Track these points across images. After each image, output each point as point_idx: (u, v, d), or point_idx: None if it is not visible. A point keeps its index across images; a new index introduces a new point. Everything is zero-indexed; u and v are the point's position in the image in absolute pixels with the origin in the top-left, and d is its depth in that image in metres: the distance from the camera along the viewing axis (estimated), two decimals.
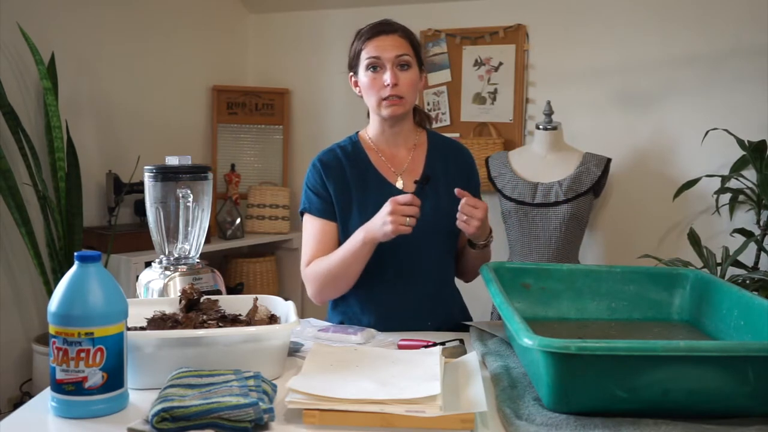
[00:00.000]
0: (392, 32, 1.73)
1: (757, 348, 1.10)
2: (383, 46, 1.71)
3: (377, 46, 1.72)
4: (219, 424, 1.06)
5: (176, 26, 3.68)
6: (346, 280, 1.71)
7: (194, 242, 1.74)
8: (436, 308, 1.79)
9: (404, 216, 1.57)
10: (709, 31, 2.96)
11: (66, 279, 1.14)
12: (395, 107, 1.73)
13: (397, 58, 1.71)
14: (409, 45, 1.74)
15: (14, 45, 2.96)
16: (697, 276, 1.60)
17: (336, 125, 3.77)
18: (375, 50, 1.71)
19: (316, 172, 1.79)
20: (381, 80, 1.71)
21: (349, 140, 1.85)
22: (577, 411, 1.14)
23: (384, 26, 1.75)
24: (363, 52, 1.74)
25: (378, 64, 1.72)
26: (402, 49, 1.72)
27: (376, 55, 1.71)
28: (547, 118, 2.97)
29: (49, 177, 3.00)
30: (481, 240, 1.74)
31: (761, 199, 2.71)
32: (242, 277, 3.73)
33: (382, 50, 1.71)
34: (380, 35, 1.73)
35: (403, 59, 1.72)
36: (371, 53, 1.72)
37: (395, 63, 1.71)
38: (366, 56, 1.73)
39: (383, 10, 3.06)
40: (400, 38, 1.74)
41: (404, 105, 1.74)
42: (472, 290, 1.97)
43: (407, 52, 1.73)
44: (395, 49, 1.71)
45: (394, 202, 1.58)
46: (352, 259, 1.67)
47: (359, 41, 1.76)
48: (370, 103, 1.76)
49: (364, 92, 1.76)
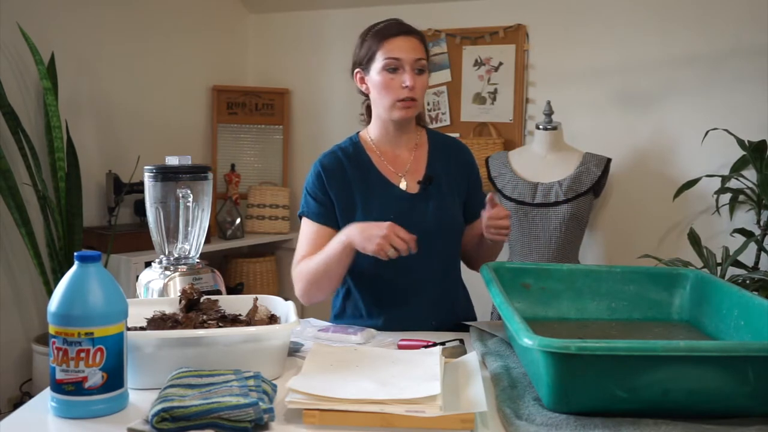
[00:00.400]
0: (412, 35, 1.73)
1: (757, 348, 1.10)
2: (404, 47, 1.70)
3: (398, 47, 1.70)
4: (219, 424, 1.06)
5: (176, 26, 3.67)
6: (328, 281, 1.70)
7: (194, 242, 1.74)
8: (440, 307, 1.79)
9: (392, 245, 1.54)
10: (709, 31, 2.96)
11: (66, 279, 1.14)
12: (409, 110, 1.73)
13: (416, 61, 1.71)
14: (424, 50, 1.75)
15: (14, 45, 2.96)
16: (697, 276, 1.60)
17: (336, 125, 3.77)
18: (396, 51, 1.70)
19: (317, 177, 1.78)
20: (398, 82, 1.70)
21: (350, 141, 1.84)
22: (577, 411, 1.14)
23: (404, 27, 1.74)
24: (380, 52, 1.71)
25: (397, 66, 1.70)
26: (420, 53, 1.72)
27: (397, 56, 1.70)
28: (547, 118, 2.97)
29: (49, 177, 3.00)
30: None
31: (761, 199, 2.71)
32: (242, 277, 3.73)
33: (403, 52, 1.70)
34: (401, 36, 1.72)
35: (420, 63, 1.72)
36: (391, 54, 1.70)
37: (413, 66, 1.71)
38: (384, 56, 1.71)
39: (383, 10, 3.07)
40: (419, 42, 1.74)
41: (416, 108, 1.75)
42: (472, 290, 1.97)
43: (424, 57, 1.73)
44: (415, 52, 1.71)
45: (394, 230, 1.55)
46: (333, 260, 1.66)
47: (374, 39, 1.73)
48: (383, 104, 1.74)
49: (376, 92, 1.74)
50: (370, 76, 1.74)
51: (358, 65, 1.78)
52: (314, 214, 1.77)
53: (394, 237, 1.54)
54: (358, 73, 1.79)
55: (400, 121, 1.77)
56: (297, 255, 1.78)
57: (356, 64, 1.79)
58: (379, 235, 1.54)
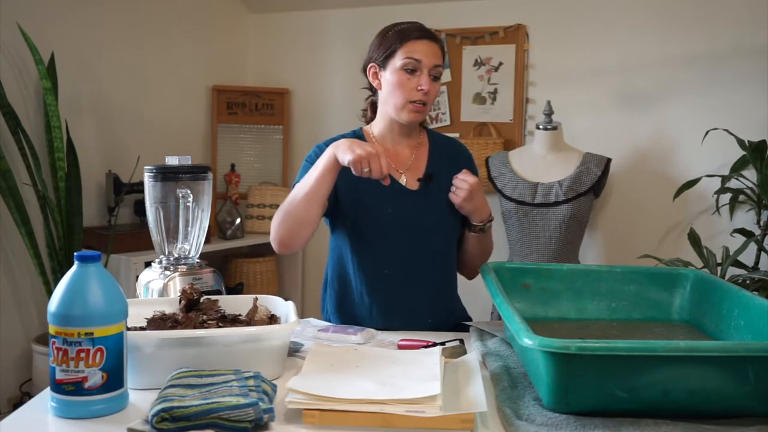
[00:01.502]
0: (434, 41, 1.74)
1: (757, 348, 1.10)
2: (427, 52, 1.71)
3: (421, 50, 1.71)
4: (219, 424, 1.06)
5: (176, 26, 3.67)
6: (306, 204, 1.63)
7: (194, 242, 1.74)
8: (437, 305, 1.80)
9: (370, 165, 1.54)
10: (709, 31, 2.96)
11: (66, 279, 1.14)
12: (419, 113, 1.74)
13: (434, 68, 1.72)
14: (442, 58, 1.76)
15: (14, 45, 2.96)
16: (697, 276, 1.60)
17: (336, 125, 3.76)
18: (418, 53, 1.71)
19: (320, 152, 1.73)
20: (414, 83, 1.71)
21: (354, 134, 1.84)
22: (577, 411, 1.14)
23: (428, 32, 1.75)
24: (401, 51, 1.72)
25: (417, 68, 1.71)
26: (439, 60, 1.74)
27: (419, 58, 1.70)
28: (547, 118, 2.97)
29: (49, 177, 3.00)
30: (477, 220, 1.76)
31: (761, 199, 2.71)
32: (242, 277, 3.73)
33: (425, 56, 1.71)
34: (425, 39, 1.73)
35: (437, 70, 1.73)
36: (413, 55, 1.70)
37: (431, 72, 1.72)
38: (405, 56, 1.71)
39: (383, 10, 3.07)
40: (439, 49, 1.75)
41: (426, 113, 1.77)
42: (472, 290, 1.97)
43: (441, 65, 1.75)
44: (435, 59, 1.73)
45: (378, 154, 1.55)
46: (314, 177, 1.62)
47: (397, 38, 1.73)
48: (394, 102, 1.74)
49: (389, 89, 1.74)
50: (386, 73, 1.74)
51: (374, 60, 1.78)
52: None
53: (375, 159, 1.55)
54: (372, 68, 1.78)
55: (407, 124, 1.77)
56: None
57: (372, 59, 1.78)
58: (363, 150, 1.55)
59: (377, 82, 1.78)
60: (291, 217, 1.66)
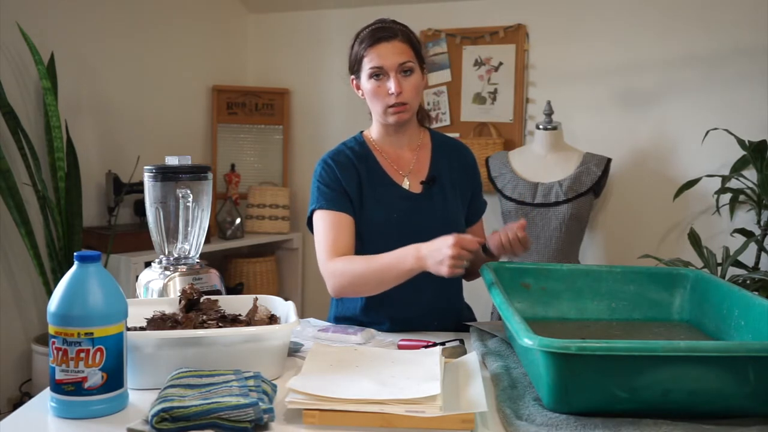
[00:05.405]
0: (392, 38, 1.70)
1: (757, 348, 1.10)
2: (385, 54, 1.69)
3: (379, 55, 1.69)
4: (219, 424, 1.06)
5: (176, 26, 3.67)
6: (375, 289, 1.66)
7: (194, 242, 1.74)
8: (442, 308, 1.80)
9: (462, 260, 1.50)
10: (709, 31, 2.96)
11: (66, 279, 1.14)
12: (401, 114, 1.72)
13: (399, 66, 1.69)
14: (410, 48, 1.72)
15: (14, 45, 2.96)
16: (698, 276, 1.60)
17: (336, 125, 3.77)
18: (377, 59, 1.69)
19: (329, 168, 1.76)
20: (385, 88, 1.70)
21: (355, 140, 1.84)
22: (577, 411, 1.14)
23: (384, 32, 1.71)
24: (365, 59, 1.71)
25: (382, 73, 1.69)
26: (404, 56, 1.69)
27: (379, 64, 1.69)
28: (547, 118, 2.97)
29: (49, 177, 3.00)
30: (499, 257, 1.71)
31: (762, 199, 2.70)
32: (242, 277, 3.73)
33: (384, 59, 1.68)
34: (381, 42, 1.69)
35: (406, 66, 1.69)
36: (373, 62, 1.69)
37: (398, 70, 1.69)
38: (368, 64, 1.70)
39: (383, 10, 3.06)
40: (401, 43, 1.70)
41: (409, 111, 1.74)
42: (472, 290, 1.97)
43: (409, 58, 1.70)
44: (397, 57, 1.69)
45: (460, 245, 1.49)
46: (392, 276, 1.61)
47: (360, 46, 1.73)
48: (375, 110, 1.75)
49: (368, 99, 1.75)
50: (362, 83, 1.75)
51: (351, 71, 1.79)
52: (332, 203, 1.72)
53: (464, 253, 1.50)
54: (353, 79, 1.79)
55: (396, 126, 1.77)
56: (324, 247, 1.70)
57: (350, 70, 1.79)
58: (449, 256, 1.49)
59: (360, 91, 1.78)
60: (355, 287, 1.67)
